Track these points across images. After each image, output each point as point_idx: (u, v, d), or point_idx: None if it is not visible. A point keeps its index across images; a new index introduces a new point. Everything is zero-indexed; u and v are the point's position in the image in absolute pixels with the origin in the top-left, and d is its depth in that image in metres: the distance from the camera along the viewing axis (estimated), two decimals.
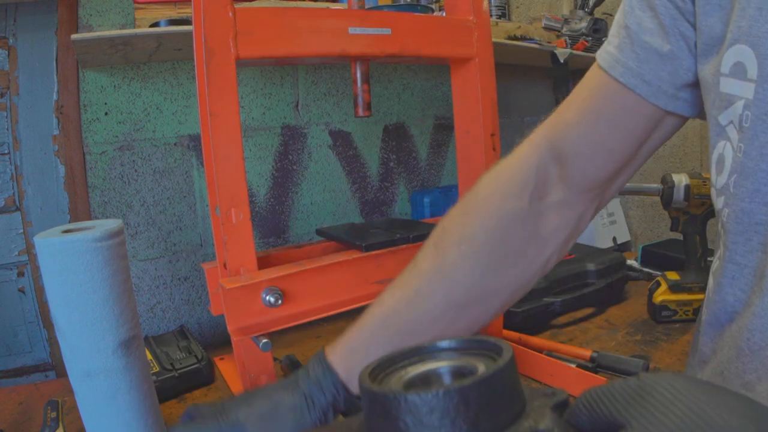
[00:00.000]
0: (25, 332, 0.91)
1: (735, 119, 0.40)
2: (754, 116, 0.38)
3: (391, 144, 1.25)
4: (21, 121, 0.88)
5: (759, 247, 0.40)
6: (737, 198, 0.40)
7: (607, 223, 1.51)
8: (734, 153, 0.40)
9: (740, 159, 0.39)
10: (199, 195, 1.03)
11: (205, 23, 0.55)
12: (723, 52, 0.40)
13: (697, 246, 0.95)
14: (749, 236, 0.41)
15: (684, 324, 0.93)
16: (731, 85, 0.39)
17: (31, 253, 0.90)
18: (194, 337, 0.90)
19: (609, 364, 0.76)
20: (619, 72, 0.46)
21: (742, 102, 0.39)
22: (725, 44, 0.40)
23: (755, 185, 0.39)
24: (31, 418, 0.72)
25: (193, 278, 1.04)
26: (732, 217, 0.41)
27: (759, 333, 0.41)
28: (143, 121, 0.97)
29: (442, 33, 0.69)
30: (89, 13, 0.91)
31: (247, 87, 1.06)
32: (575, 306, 1.00)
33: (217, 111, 0.56)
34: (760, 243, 0.40)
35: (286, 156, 1.12)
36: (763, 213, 0.39)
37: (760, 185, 0.38)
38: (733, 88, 0.39)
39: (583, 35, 1.41)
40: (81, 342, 0.53)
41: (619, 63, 0.46)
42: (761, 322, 0.40)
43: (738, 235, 0.41)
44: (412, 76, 1.28)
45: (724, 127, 0.41)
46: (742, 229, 0.41)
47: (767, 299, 0.39)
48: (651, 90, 0.45)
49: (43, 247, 0.52)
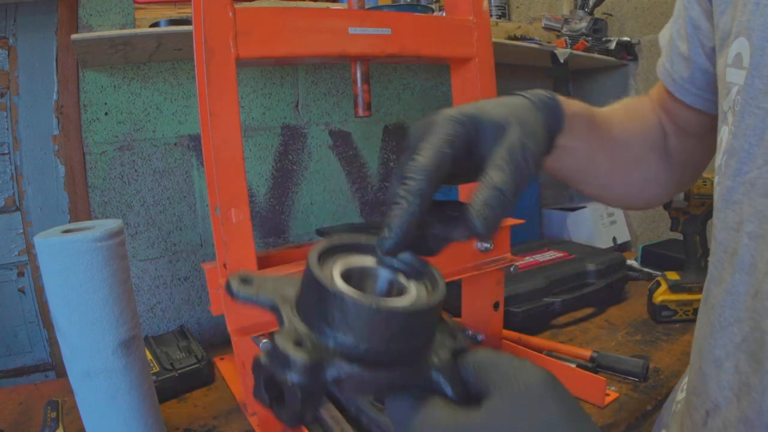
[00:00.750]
0: (25, 332, 0.91)
1: (731, 104, 0.42)
2: (743, 100, 0.40)
3: (391, 144, 1.25)
4: (21, 121, 0.88)
5: (734, 225, 0.42)
6: (724, 176, 0.43)
7: (607, 223, 1.51)
8: (728, 135, 0.43)
9: (730, 140, 0.42)
10: (199, 195, 1.03)
11: (205, 23, 0.55)
12: (729, 45, 0.43)
13: (697, 246, 0.95)
14: (727, 214, 0.43)
15: (684, 324, 0.93)
16: (731, 74, 0.42)
17: (31, 253, 0.90)
18: (194, 337, 0.90)
19: (609, 364, 0.77)
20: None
21: (736, 88, 0.42)
22: (731, 38, 0.42)
23: (738, 165, 0.41)
24: (31, 418, 0.72)
25: (193, 278, 1.04)
26: (718, 196, 0.44)
27: (729, 310, 0.43)
28: (143, 121, 0.97)
29: (442, 33, 0.69)
30: (89, 13, 0.91)
31: (247, 87, 1.06)
32: (575, 306, 1.00)
33: (217, 111, 0.56)
34: (735, 222, 0.42)
35: (286, 156, 1.12)
36: (741, 192, 0.41)
37: (742, 164, 0.41)
38: (732, 76, 0.42)
39: (583, 35, 1.41)
40: (81, 342, 0.53)
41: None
42: (731, 299, 0.42)
43: (719, 212, 0.44)
44: (412, 76, 1.28)
45: (726, 113, 0.43)
46: (723, 207, 0.43)
47: (737, 276, 0.41)
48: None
49: (43, 247, 0.52)
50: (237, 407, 0.74)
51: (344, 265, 0.31)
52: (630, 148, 0.54)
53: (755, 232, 0.39)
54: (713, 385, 0.45)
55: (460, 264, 0.72)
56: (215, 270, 0.72)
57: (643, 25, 1.51)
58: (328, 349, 0.26)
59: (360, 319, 0.26)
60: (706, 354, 0.46)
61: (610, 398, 0.70)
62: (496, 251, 0.75)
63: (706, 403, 0.46)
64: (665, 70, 0.55)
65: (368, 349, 0.26)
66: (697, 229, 0.95)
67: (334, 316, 0.26)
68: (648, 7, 1.49)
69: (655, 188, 0.59)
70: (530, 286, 0.96)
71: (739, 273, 0.41)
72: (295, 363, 0.25)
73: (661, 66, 0.56)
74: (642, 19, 1.51)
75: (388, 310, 0.26)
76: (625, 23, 1.56)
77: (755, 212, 0.39)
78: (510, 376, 0.28)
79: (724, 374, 0.43)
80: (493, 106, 0.37)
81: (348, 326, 0.26)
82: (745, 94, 0.40)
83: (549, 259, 1.12)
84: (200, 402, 0.76)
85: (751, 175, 0.40)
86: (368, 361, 0.27)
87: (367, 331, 0.26)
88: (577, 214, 1.47)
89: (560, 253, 1.15)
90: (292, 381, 0.25)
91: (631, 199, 0.60)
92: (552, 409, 0.26)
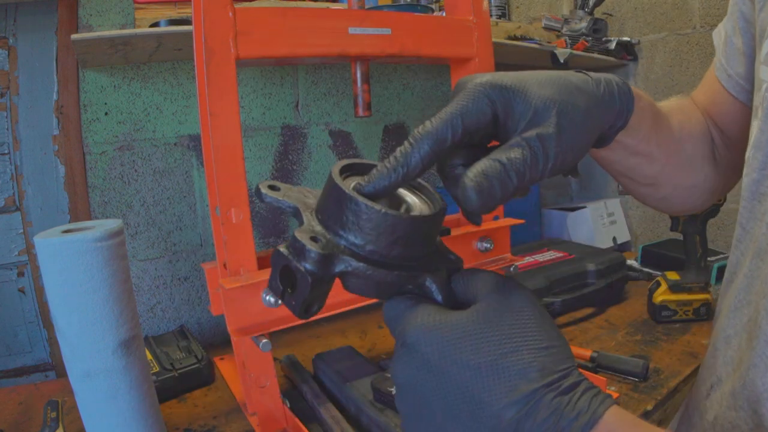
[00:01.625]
0: (25, 332, 0.91)
1: (761, 100, 0.43)
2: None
3: (391, 144, 1.25)
4: (21, 121, 0.88)
5: (760, 216, 0.43)
6: (750, 169, 0.45)
7: (607, 223, 1.51)
8: (756, 130, 0.44)
9: (757, 134, 0.44)
10: (199, 195, 1.03)
11: (205, 23, 0.55)
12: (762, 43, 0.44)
13: (697, 246, 0.95)
14: (753, 204, 0.44)
15: (684, 324, 0.93)
16: (763, 71, 0.43)
17: (31, 253, 0.90)
18: (194, 337, 0.90)
19: (609, 364, 0.77)
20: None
21: (766, 85, 0.43)
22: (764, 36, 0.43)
23: (764, 158, 0.43)
24: (31, 418, 0.72)
25: (193, 278, 1.04)
26: (746, 186, 0.45)
27: (743, 293, 0.45)
28: (143, 121, 0.97)
29: (442, 33, 0.69)
30: (89, 13, 0.91)
31: (247, 87, 1.06)
32: (575, 306, 1.00)
33: (217, 111, 0.56)
34: (760, 212, 0.43)
35: (286, 156, 1.12)
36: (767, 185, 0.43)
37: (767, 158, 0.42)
38: (764, 73, 0.43)
39: (583, 35, 1.41)
40: (81, 342, 0.53)
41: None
42: (747, 282, 0.44)
43: (746, 201, 0.45)
44: (412, 76, 1.28)
45: (756, 108, 0.44)
46: (750, 197, 0.45)
47: (753, 262, 0.43)
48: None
49: (43, 247, 0.52)
50: (237, 407, 0.74)
51: (359, 181, 0.33)
52: (685, 150, 0.52)
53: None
54: (720, 360, 0.47)
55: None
56: (215, 270, 0.72)
57: (643, 25, 1.51)
58: (340, 246, 0.30)
59: (370, 221, 0.30)
60: (720, 332, 0.48)
61: None
62: (496, 251, 0.75)
63: (712, 377, 0.49)
64: (721, 66, 0.53)
65: (373, 250, 0.30)
66: (697, 229, 0.95)
67: (348, 218, 0.30)
68: (648, 7, 1.49)
69: (701, 194, 0.56)
70: (530, 286, 0.95)
71: (755, 259, 0.43)
72: (310, 252, 0.29)
73: (716, 63, 0.54)
74: (642, 19, 1.51)
75: (394, 216, 0.30)
76: (625, 23, 1.56)
77: None
78: (495, 288, 0.31)
79: (730, 351, 0.46)
80: (540, 82, 0.33)
81: (359, 228, 0.30)
82: None
83: (549, 259, 1.12)
84: (200, 402, 0.76)
85: None
86: (372, 260, 0.30)
87: (374, 233, 0.30)
88: (577, 214, 1.46)
89: (560, 253, 1.16)
90: (306, 268, 0.29)
91: (676, 202, 0.57)
92: (529, 316, 0.30)
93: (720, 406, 0.46)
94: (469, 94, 0.32)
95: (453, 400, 0.29)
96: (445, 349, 0.29)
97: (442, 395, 0.29)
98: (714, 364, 0.49)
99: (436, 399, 0.29)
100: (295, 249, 0.29)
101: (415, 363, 0.30)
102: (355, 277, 0.31)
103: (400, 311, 0.32)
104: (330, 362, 0.76)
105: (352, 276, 0.31)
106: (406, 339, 0.31)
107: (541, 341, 0.29)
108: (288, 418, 0.66)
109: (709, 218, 0.94)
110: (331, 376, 0.73)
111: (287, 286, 0.30)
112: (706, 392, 0.49)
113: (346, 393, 0.68)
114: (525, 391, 0.27)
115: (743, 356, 0.43)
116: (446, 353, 0.29)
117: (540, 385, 0.28)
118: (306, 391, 0.71)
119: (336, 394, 0.71)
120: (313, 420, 0.67)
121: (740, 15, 0.51)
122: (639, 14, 1.52)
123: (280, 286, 0.31)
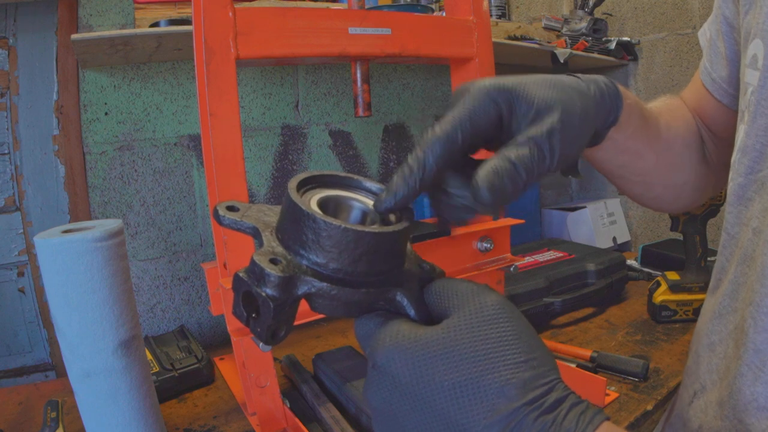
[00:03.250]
0: (25, 332, 0.91)
1: (747, 104, 0.43)
2: (756, 101, 0.41)
3: (391, 144, 1.25)
4: (21, 121, 0.88)
5: (744, 221, 0.43)
6: (736, 173, 0.44)
7: (607, 223, 1.51)
8: (742, 134, 0.44)
9: (743, 139, 0.43)
10: (199, 195, 1.03)
11: (205, 23, 0.55)
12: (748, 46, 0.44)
13: (697, 246, 0.95)
14: (739, 209, 0.44)
15: (684, 324, 0.93)
16: (748, 75, 0.43)
17: (31, 253, 0.90)
18: (194, 337, 0.90)
19: (609, 364, 0.77)
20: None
21: (751, 89, 0.42)
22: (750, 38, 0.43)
23: (750, 163, 0.42)
24: (31, 418, 0.72)
25: (193, 278, 1.04)
26: (731, 191, 0.45)
27: (728, 299, 0.44)
28: (143, 121, 0.97)
29: (442, 33, 0.69)
30: (89, 13, 0.91)
31: (247, 87, 1.06)
32: (575, 306, 1.00)
33: (217, 111, 0.56)
34: (746, 217, 0.43)
35: (286, 156, 1.12)
36: (753, 190, 0.42)
37: (754, 163, 0.42)
38: (749, 77, 0.43)
39: (583, 35, 1.41)
40: (81, 342, 0.53)
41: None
42: (732, 288, 0.44)
43: (731, 206, 0.45)
44: (412, 76, 1.28)
45: (743, 112, 0.44)
46: (735, 202, 0.44)
47: (739, 268, 0.43)
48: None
49: (43, 247, 0.52)
50: (237, 407, 0.74)
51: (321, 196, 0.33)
52: (673, 148, 0.53)
53: (758, 228, 0.41)
54: (704, 368, 0.47)
55: (460, 264, 0.72)
56: (215, 270, 0.72)
57: (643, 25, 1.51)
58: (302, 266, 0.29)
59: (330, 238, 0.28)
60: (703, 338, 0.48)
61: (610, 398, 0.70)
62: (496, 251, 0.75)
63: (695, 384, 0.48)
64: (705, 70, 0.54)
65: (337, 268, 0.29)
66: (697, 229, 0.95)
67: (308, 236, 0.29)
68: (648, 7, 1.49)
69: (692, 192, 0.57)
70: (530, 286, 0.96)
71: (741, 265, 0.43)
72: (269, 276, 0.27)
73: (701, 65, 0.55)
74: (642, 19, 1.52)
75: (356, 232, 0.28)
76: (625, 23, 1.56)
77: (762, 209, 0.40)
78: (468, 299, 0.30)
79: (715, 358, 0.45)
80: (538, 84, 0.35)
81: (319, 246, 0.28)
82: (758, 95, 0.41)
83: (549, 259, 1.12)
84: (200, 402, 0.76)
85: (762, 173, 0.41)
86: (337, 279, 0.29)
87: (336, 250, 0.28)
88: (577, 214, 1.47)
89: (560, 253, 1.15)
90: (267, 293, 0.27)
91: (668, 201, 0.58)
92: (505, 327, 0.28)
93: (705, 415, 0.45)
94: (474, 96, 0.33)
95: (429, 423, 0.27)
96: (418, 370, 0.28)
97: (417, 419, 0.28)
98: (697, 370, 0.48)
99: (411, 423, 0.28)
100: (255, 273, 0.28)
101: (387, 385, 0.29)
102: (320, 298, 0.29)
103: (369, 330, 0.31)
104: (330, 362, 0.76)
105: (317, 297, 0.29)
106: (377, 360, 0.29)
107: (520, 354, 0.28)
108: (288, 418, 0.66)
109: (709, 218, 0.94)
110: (331, 376, 0.73)
111: (251, 311, 0.29)
112: (689, 399, 0.49)
113: (346, 393, 0.68)
114: (504, 411, 0.26)
115: (730, 365, 0.42)
116: (419, 374, 0.28)
117: (520, 403, 0.26)
118: (306, 391, 0.72)
119: (336, 394, 0.71)
120: (313, 420, 0.67)
121: (723, 19, 0.51)
122: (639, 14, 1.52)
123: (244, 312, 0.29)
